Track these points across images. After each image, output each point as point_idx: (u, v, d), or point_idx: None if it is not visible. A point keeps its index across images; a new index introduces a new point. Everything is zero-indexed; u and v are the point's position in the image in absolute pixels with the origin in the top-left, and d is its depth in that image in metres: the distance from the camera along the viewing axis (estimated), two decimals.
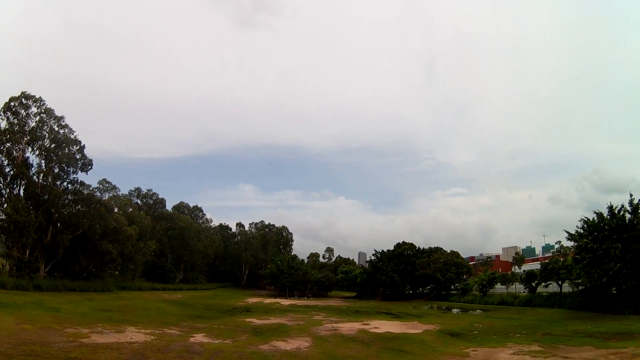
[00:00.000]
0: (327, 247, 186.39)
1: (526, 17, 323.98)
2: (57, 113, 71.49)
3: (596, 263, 46.07)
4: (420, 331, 36.94)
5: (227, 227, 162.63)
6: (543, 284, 65.50)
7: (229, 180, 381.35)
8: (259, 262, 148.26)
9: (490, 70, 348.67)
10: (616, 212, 47.69)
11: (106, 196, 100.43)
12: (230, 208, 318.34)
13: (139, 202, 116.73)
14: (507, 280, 79.23)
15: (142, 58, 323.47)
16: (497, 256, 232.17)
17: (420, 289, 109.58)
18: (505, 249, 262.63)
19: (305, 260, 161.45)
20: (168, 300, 71.47)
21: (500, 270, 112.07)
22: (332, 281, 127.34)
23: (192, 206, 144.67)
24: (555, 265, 62.35)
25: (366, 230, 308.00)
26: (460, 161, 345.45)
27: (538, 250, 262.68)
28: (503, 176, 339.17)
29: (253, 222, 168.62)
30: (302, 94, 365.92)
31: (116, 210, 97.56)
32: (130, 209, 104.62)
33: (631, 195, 47.52)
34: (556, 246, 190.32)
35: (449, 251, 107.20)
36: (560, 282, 61.88)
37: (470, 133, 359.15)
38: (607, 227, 46.74)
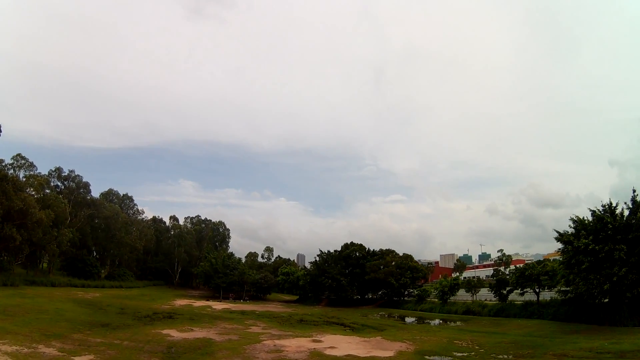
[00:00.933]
0: (267, 247, 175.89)
1: (476, 35, 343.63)
2: None
3: (596, 267, 39.78)
4: (392, 353, 28.93)
5: (160, 221, 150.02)
6: (518, 291, 58.56)
7: (169, 175, 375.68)
8: (193, 259, 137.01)
9: (436, 83, 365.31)
10: (615, 210, 41.90)
11: (21, 174, 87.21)
12: (170, 203, 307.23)
13: (59, 184, 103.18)
14: (472, 286, 72.39)
15: (89, 41, 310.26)
16: (436, 263, 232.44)
17: (369, 295, 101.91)
18: (442, 256, 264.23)
19: (243, 260, 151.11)
20: (78, 300, 60.75)
21: (441, 276, 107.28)
22: (271, 283, 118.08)
23: (122, 194, 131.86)
24: (533, 270, 55.91)
25: (305, 233, 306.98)
26: (402, 169, 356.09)
27: (475, 259, 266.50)
28: (443, 186, 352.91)
29: (189, 217, 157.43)
30: (249, 92, 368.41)
31: (31, 191, 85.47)
32: (48, 191, 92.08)
33: (634, 191, 41.54)
34: (498, 254, 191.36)
35: (401, 254, 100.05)
36: (538, 290, 55.98)
37: (413, 142, 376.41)
38: (610, 227, 40.39)
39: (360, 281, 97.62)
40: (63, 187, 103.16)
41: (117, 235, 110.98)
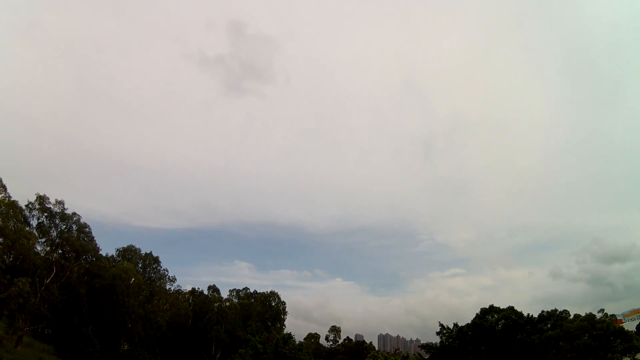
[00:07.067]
0: (332, 326, 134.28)
1: (519, 95, 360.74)
2: None
3: None
4: None
5: (201, 294, 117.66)
6: None
7: (225, 256, 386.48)
8: (237, 341, 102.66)
9: (486, 149, 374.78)
10: None
11: None
12: (225, 284, 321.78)
13: (44, 220, 73.03)
14: None
15: (148, 127, 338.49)
16: None
17: None
18: None
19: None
20: None
21: None
22: None
23: (144, 254, 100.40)
24: None
25: (361, 312, 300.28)
26: (459, 241, 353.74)
27: None
28: (502, 254, 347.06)
29: (234, 289, 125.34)
30: (301, 173, 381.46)
31: None
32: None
33: None
34: (599, 315, 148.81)
35: (572, 316, 61.26)
36: None
37: (468, 212, 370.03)
38: None
39: None
40: (48, 224, 73.08)
41: (127, 304, 79.50)
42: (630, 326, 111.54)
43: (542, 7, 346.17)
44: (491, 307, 67.64)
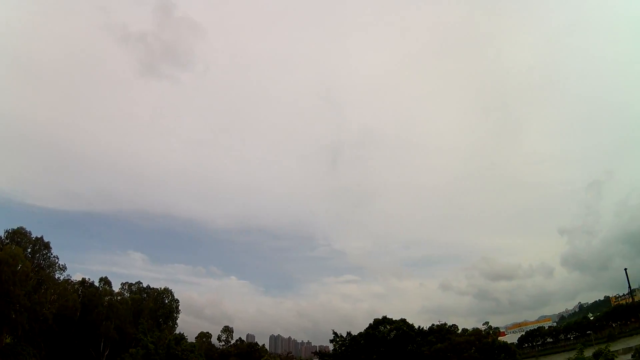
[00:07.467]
0: (225, 327, 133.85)
1: (429, 119, 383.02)
2: None
3: None
4: None
5: (91, 285, 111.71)
6: None
7: (119, 245, 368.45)
8: (127, 339, 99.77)
9: (391, 165, 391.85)
10: None
11: None
12: (117, 275, 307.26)
13: None
14: None
15: (51, 97, 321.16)
16: None
17: None
18: None
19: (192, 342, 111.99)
20: None
21: None
22: None
23: (34, 238, 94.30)
24: None
25: (253, 312, 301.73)
26: (355, 249, 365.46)
27: None
28: (395, 265, 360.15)
29: (126, 282, 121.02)
30: (206, 167, 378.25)
31: None
32: None
33: None
34: (484, 327, 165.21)
35: (460, 330, 66.50)
36: None
37: (367, 223, 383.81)
38: None
39: None
40: None
41: (12, 293, 74.94)
42: (512, 338, 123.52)
43: (464, 44, 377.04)
44: (384, 318, 72.23)
